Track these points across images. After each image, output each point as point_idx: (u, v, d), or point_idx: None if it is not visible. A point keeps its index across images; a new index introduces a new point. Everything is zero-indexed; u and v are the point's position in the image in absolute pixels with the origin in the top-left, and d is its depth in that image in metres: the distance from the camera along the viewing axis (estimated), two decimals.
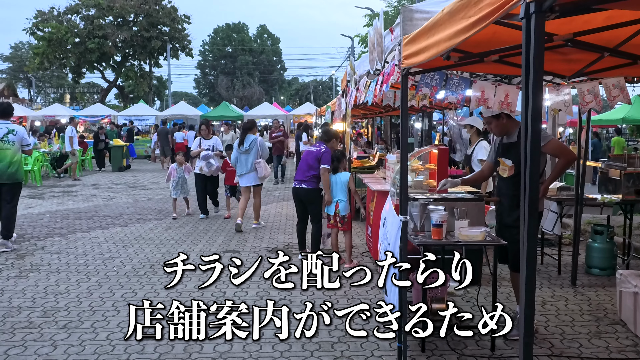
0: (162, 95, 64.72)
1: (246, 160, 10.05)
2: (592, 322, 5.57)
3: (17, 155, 8.76)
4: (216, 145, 11.39)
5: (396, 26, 4.42)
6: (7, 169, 8.60)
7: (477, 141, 8.51)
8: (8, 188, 8.64)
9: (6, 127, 8.79)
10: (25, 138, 8.99)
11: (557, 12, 2.35)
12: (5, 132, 8.71)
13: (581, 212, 6.87)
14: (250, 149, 10.03)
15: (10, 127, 8.84)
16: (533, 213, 2.30)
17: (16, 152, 8.73)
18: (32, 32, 44.83)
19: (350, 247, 7.74)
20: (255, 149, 10.05)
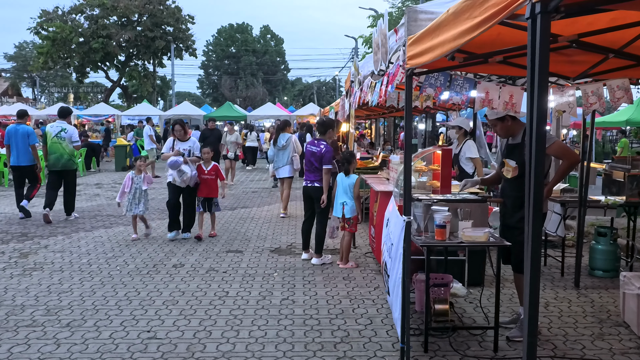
0: (165, 95, 64.82)
1: (283, 155, 11.51)
2: (595, 324, 5.56)
3: (68, 148, 10.78)
4: (193, 149, 9.42)
5: (401, 27, 4.42)
6: (61, 160, 10.76)
7: (463, 140, 8.64)
8: (65, 174, 10.94)
9: (60, 126, 10.81)
10: (74, 136, 10.95)
11: (562, 13, 2.35)
12: (59, 130, 10.73)
13: (585, 213, 6.86)
14: (287, 145, 11.48)
15: (63, 126, 10.81)
16: (537, 215, 2.30)
17: (67, 146, 10.75)
18: (37, 31, 44.87)
19: (348, 249, 7.74)
20: (291, 145, 11.51)
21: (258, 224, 10.83)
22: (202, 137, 17.52)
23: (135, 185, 9.33)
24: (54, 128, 10.71)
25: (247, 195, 15.15)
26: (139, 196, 9.31)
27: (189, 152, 9.30)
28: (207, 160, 9.43)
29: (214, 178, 9.39)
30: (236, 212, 12.16)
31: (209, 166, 9.39)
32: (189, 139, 9.54)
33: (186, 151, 9.28)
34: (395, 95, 8.96)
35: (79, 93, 62.75)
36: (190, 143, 9.45)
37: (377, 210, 7.72)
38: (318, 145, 7.85)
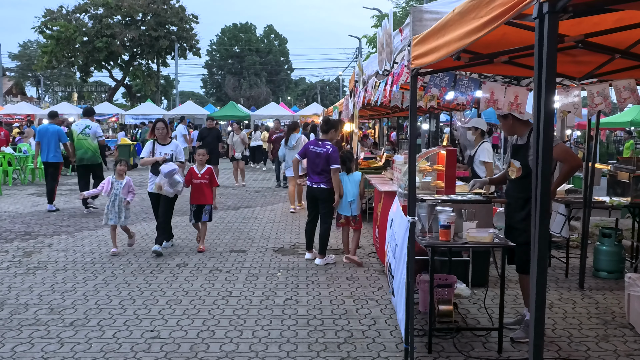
0: (169, 94, 64.87)
1: (293, 154, 11.28)
2: (599, 325, 5.54)
3: (92, 144, 11.88)
4: (176, 153, 8.39)
5: (405, 26, 4.41)
6: (87, 155, 11.84)
7: (480, 142, 8.52)
8: (92, 168, 12.01)
9: (85, 124, 12.03)
10: (98, 132, 12.10)
11: (570, 13, 2.33)
12: (84, 127, 11.91)
13: (589, 214, 6.84)
14: (297, 145, 12.03)
15: (87, 123, 12.04)
16: (544, 216, 2.28)
17: (92, 142, 11.85)
18: (41, 30, 44.95)
19: (357, 244, 7.96)
20: (300, 145, 11.70)
21: (262, 223, 10.83)
22: (200, 137, 16.92)
23: (115, 192, 8.23)
24: (79, 126, 11.98)
25: (250, 194, 15.15)
26: (119, 205, 8.23)
27: (171, 157, 8.26)
28: (200, 163, 8.59)
29: (207, 183, 8.47)
30: (240, 212, 12.16)
31: (202, 169, 8.49)
32: (171, 141, 8.52)
33: (168, 155, 8.26)
34: (399, 95, 8.93)
35: (82, 92, 62.86)
36: (172, 146, 8.42)
37: (381, 210, 7.71)
38: (323, 146, 7.81)
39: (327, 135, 8.04)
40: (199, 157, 8.62)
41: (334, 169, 7.68)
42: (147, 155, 8.39)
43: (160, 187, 8.06)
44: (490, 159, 8.43)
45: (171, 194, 8.19)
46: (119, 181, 8.31)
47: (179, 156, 8.40)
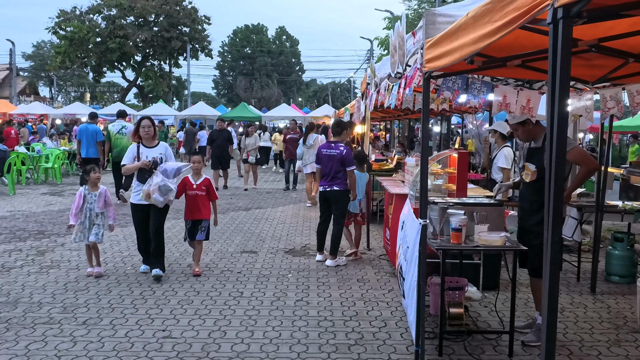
0: (181, 95, 65.10)
1: (310, 153, 12.67)
2: (611, 330, 5.51)
3: (128, 143, 11.85)
4: (165, 156, 7.14)
5: (418, 29, 4.42)
6: (122, 152, 11.72)
7: (501, 146, 8.44)
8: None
9: (121, 124, 13.26)
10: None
11: (585, 18, 2.34)
12: (120, 128, 13.10)
13: (601, 218, 6.82)
14: (314, 144, 12.87)
15: (123, 124, 13.33)
16: (557, 220, 2.29)
17: (127, 141, 12.25)
18: (55, 31, 45.28)
19: (359, 239, 8.38)
20: (317, 144, 12.33)
21: (272, 224, 10.86)
22: (210, 139, 16.49)
23: (89, 206, 7.00)
24: (116, 126, 13.19)
25: (261, 195, 15.18)
26: (94, 220, 7.03)
27: (160, 160, 7.10)
28: (197, 171, 7.33)
29: (204, 195, 7.29)
30: (250, 213, 12.19)
31: (199, 179, 7.31)
32: (157, 143, 7.23)
33: (157, 158, 7.07)
34: (411, 98, 8.94)
35: (95, 92, 63.21)
36: (161, 149, 7.16)
37: (392, 212, 7.72)
38: (336, 148, 7.85)
39: (340, 137, 8.08)
40: (195, 165, 7.29)
41: (350, 171, 7.79)
42: (130, 161, 7.06)
43: (149, 195, 6.75)
44: (508, 166, 8.30)
45: (161, 204, 6.89)
46: (92, 192, 7.06)
47: (169, 160, 7.15)
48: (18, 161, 16.01)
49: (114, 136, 13.06)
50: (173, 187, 6.93)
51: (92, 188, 7.10)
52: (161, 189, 6.80)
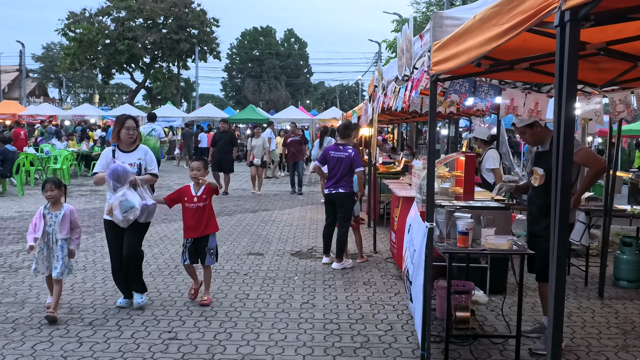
0: (189, 97, 65.32)
1: None
2: (619, 335, 5.47)
3: (156, 144, 14.45)
4: (146, 162, 6.07)
5: (426, 32, 4.41)
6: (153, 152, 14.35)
7: (485, 150, 8.65)
8: None
9: (151, 127, 14.79)
10: (161, 134, 15.10)
11: (592, 21, 2.32)
12: (150, 130, 14.60)
13: (610, 223, 6.77)
14: None
15: (153, 127, 14.87)
16: (563, 224, 2.27)
17: (156, 142, 14.47)
18: (64, 33, 45.52)
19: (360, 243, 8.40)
20: None
21: (279, 227, 10.86)
22: (213, 141, 15.95)
23: (47, 228, 5.60)
24: (146, 128, 14.58)
25: (268, 198, 15.20)
26: (53, 247, 5.61)
27: (139, 168, 5.98)
28: (197, 179, 6.18)
29: (207, 206, 6.19)
30: (257, 215, 12.20)
31: (200, 189, 6.17)
32: (137, 147, 6.12)
33: (135, 167, 5.96)
34: (418, 101, 8.94)
35: (104, 94, 63.57)
36: (140, 154, 6.07)
37: (399, 215, 7.70)
38: (345, 150, 7.86)
39: (348, 139, 8.10)
40: (194, 173, 6.20)
41: (360, 172, 7.83)
42: (102, 168, 5.93)
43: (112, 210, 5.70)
44: (496, 165, 8.62)
45: (121, 223, 5.71)
46: (54, 212, 5.64)
47: (149, 167, 6.07)
48: (27, 162, 16.10)
49: (144, 137, 14.08)
50: (136, 205, 5.65)
51: (53, 207, 5.65)
52: (122, 205, 5.62)
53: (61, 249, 5.58)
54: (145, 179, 5.99)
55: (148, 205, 5.80)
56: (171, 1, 46.13)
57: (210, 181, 6.23)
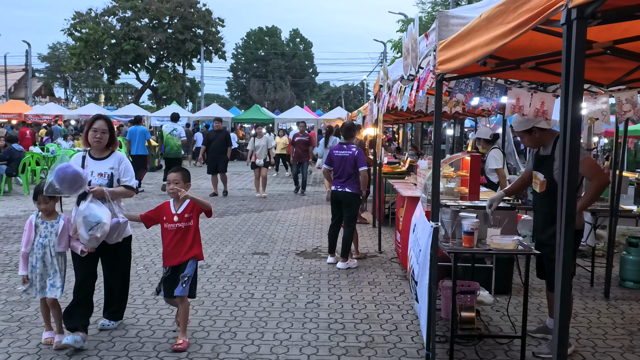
0: (194, 97, 65.39)
1: None
2: (625, 336, 5.45)
3: (177, 142, 15.06)
4: (119, 172, 5.12)
5: (431, 32, 4.40)
6: (173, 150, 15.04)
7: (488, 150, 8.69)
8: (175, 160, 14.87)
9: (173, 126, 15.31)
10: (182, 133, 15.38)
11: (599, 19, 2.31)
12: (172, 129, 15.13)
13: (616, 223, 6.74)
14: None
15: (175, 127, 15.35)
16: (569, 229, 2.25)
17: (177, 141, 15.02)
18: (70, 33, 45.69)
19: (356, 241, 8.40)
20: None
21: (284, 226, 10.86)
22: (206, 140, 15.53)
23: (42, 241, 4.82)
24: (168, 128, 15.24)
25: (273, 197, 15.20)
26: (49, 263, 4.84)
27: (109, 179, 5.02)
28: (175, 194, 4.97)
29: (191, 226, 5.00)
30: (262, 215, 12.21)
31: (181, 205, 5.01)
32: (111, 153, 5.17)
33: (105, 177, 5.01)
34: (423, 101, 8.91)
35: (109, 94, 63.69)
36: (112, 162, 5.11)
37: (404, 215, 7.69)
38: (349, 149, 7.87)
39: (352, 139, 8.15)
40: (172, 187, 4.99)
41: (364, 171, 7.81)
42: None
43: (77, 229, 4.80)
44: (499, 165, 8.63)
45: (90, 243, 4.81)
46: (48, 222, 4.88)
47: (123, 177, 5.11)
48: (32, 161, 16.14)
49: (166, 136, 15.05)
50: (104, 219, 4.72)
51: (47, 217, 4.89)
52: (86, 222, 4.68)
53: (54, 260, 4.83)
54: (116, 192, 5.02)
55: (120, 224, 4.94)
56: (177, 1, 46.24)
57: (195, 197, 4.99)
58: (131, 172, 5.19)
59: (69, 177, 4.63)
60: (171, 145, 15.02)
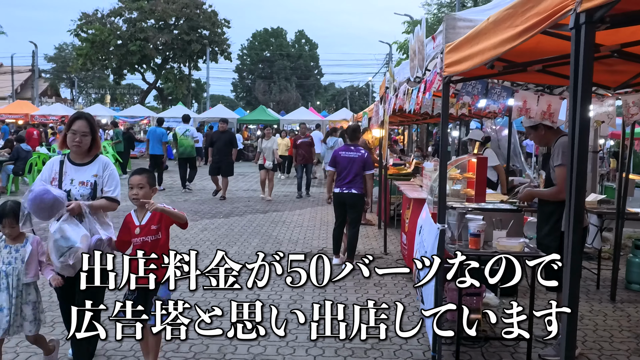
0: (200, 98, 65.53)
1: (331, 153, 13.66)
2: (631, 338, 5.44)
3: (190, 143, 15.84)
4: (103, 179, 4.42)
5: (438, 34, 4.41)
6: (186, 150, 15.80)
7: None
8: (189, 160, 16.05)
9: (185, 127, 16.14)
10: (194, 134, 16.46)
11: (607, 23, 2.32)
12: (185, 130, 15.93)
13: (622, 226, 6.73)
14: (334, 145, 14.64)
15: (187, 128, 16.22)
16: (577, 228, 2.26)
17: (190, 141, 15.82)
18: (76, 33, 45.85)
19: None
20: (337, 145, 13.68)
21: (290, 227, 10.87)
22: (210, 142, 15.00)
23: (6, 267, 4.18)
24: (181, 129, 16.05)
25: (279, 198, 15.21)
26: (18, 296, 4.21)
27: (92, 188, 4.33)
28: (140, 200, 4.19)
29: (158, 242, 4.22)
30: (268, 216, 12.22)
31: (145, 216, 4.26)
32: (95, 158, 4.44)
33: (87, 186, 4.32)
34: (429, 102, 8.91)
35: (115, 94, 63.84)
36: (96, 168, 4.39)
37: (410, 217, 7.69)
38: (357, 151, 7.90)
39: (358, 141, 8.20)
40: (132, 192, 4.21)
41: (369, 175, 7.86)
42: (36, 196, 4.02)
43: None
44: (497, 162, 8.73)
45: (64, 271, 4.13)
46: (12, 246, 4.23)
47: (107, 186, 4.39)
48: (39, 161, 16.21)
49: (180, 137, 15.83)
50: (77, 243, 4.00)
51: (12, 240, 4.24)
52: (57, 246, 3.99)
53: (24, 292, 4.20)
54: (96, 206, 4.29)
55: (103, 241, 4.18)
56: (183, 2, 46.35)
57: (166, 208, 4.15)
58: (116, 181, 4.46)
59: (46, 205, 3.97)
60: (185, 146, 15.79)
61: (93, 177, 4.37)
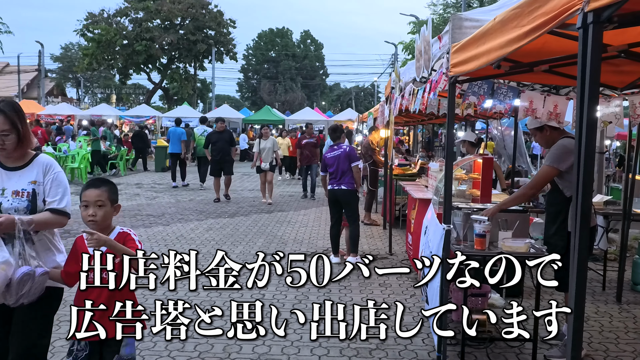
0: (205, 97, 65.63)
1: None
2: (637, 340, 5.42)
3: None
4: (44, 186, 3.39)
5: (444, 34, 4.40)
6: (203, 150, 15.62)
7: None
8: (203, 159, 16.32)
9: (203, 128, 17.28)
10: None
11: (615, 23, 2.30)
12: (202, 131, 16.89)
13: (628, 227, 6.71)
14: None
15: (205, 128, 17.12)
16: (584, 229, 2.25)
17: None
18: (82, 33, 46.04)
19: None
20: None
21: (295, 227, 10.88)
22: (207, 142, 14.52)
23: None
24: (199, 130, 17.35)
25: (283, 199, 15.22)
26: None
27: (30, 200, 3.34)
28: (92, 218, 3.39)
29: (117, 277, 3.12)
30: (273, 215, 12.23)
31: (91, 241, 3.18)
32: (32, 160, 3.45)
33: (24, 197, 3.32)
34: (435, 103, 8.90)
35: (121, 94, 64.00)
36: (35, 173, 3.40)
37: (415, 217, 7.69)
38: (339, 148, 8.16)
39: (340, 140, 8.45)
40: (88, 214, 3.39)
41: (356, 166, 8.00)
42: None
43: None
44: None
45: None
46: None
47: (50, 196, 3.43)
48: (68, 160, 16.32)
49: (198, 137, 16.92)
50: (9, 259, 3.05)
51: None
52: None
53: None
54: (37, 221, 3.26)
55: (33, 275, 3.12)
56: (188, 2, 46.47)
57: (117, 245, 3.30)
58: (63, 187, 3.47)
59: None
60: (201, 146, 16.26)
61: (30, 184, 3.34)
